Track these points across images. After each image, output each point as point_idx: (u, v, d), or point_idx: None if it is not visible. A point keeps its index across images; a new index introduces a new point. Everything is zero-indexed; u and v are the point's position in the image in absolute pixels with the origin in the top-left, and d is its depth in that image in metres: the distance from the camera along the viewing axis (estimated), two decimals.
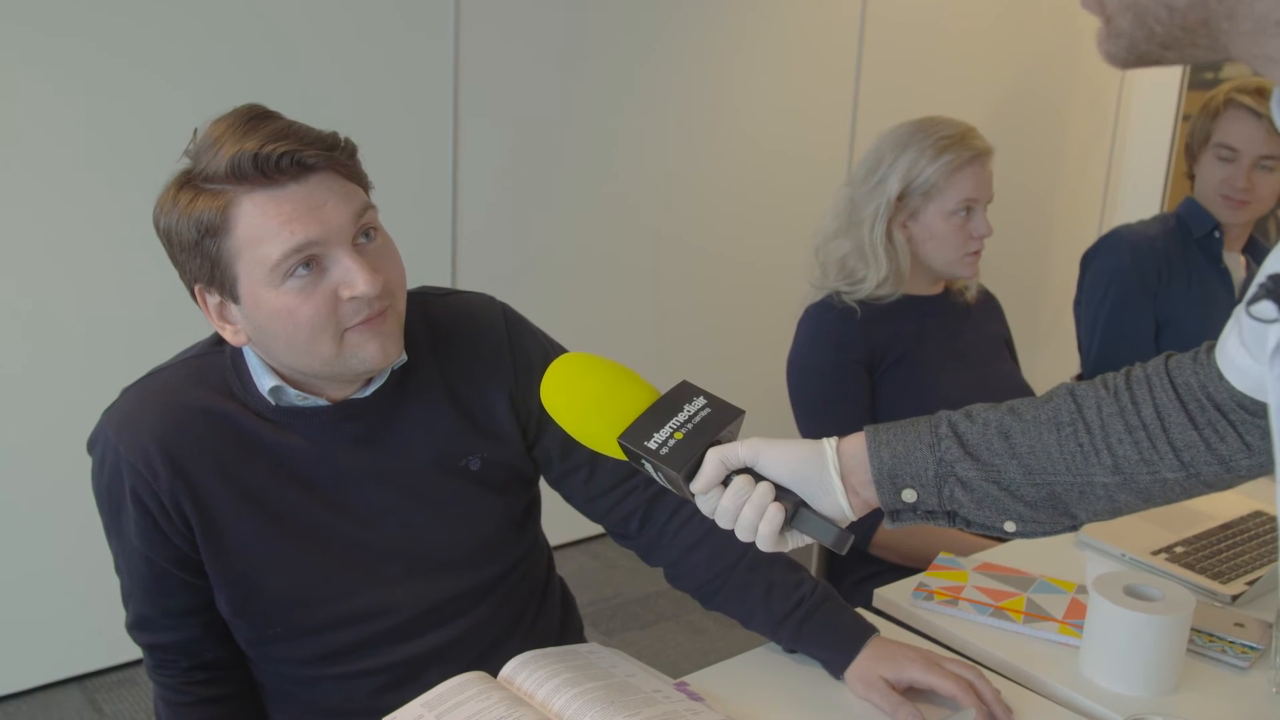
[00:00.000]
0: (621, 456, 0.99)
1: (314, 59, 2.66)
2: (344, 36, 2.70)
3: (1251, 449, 0.92)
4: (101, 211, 2.45)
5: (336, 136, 1.16)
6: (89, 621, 2.58)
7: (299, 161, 1.10)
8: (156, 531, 1.21)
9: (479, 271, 3.00)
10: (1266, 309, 0.71)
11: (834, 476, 0.96)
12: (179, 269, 1.18)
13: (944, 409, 1.01)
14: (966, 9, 3.81)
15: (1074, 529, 1.00)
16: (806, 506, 0.97)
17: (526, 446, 1.34)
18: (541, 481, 1.41)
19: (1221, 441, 0.93)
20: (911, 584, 1.49)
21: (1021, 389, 2.00)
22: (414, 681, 1.27)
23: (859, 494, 0.97)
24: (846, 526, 0.98)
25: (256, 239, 1.10)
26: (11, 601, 2.52)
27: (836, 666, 1.28)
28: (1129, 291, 2.30)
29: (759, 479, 0.97)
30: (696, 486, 0.97)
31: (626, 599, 3.12)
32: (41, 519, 2.51)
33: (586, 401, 1.00)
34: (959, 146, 1.83)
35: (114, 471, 1.21)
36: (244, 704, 1.36)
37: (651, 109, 3.25)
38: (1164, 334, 2.31)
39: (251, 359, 1.22)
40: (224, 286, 1.15)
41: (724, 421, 0.98)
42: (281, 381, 1.20)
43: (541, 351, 1.34)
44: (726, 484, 0.97)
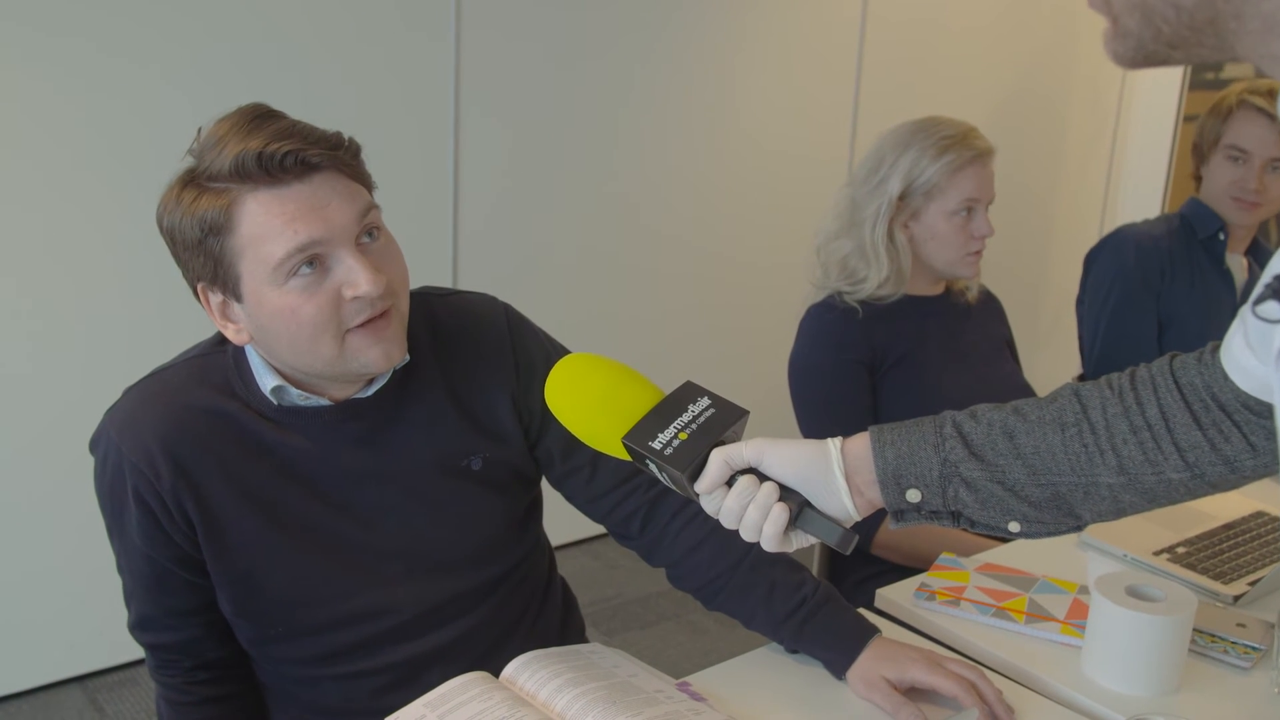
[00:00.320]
0: (625, 457, 0.99)
1: (314, 59, 2.66)
2: (344, 36, 2.69)
3: (1256, 449, 0.92)
4: (102, 211, 2.45)
5: (340, 136, 1.16)
6: (90, 621, 2.57)
7: (303, 161, 1.10)
8: (159, 531, 1.21)
9: (480, 271, 3.00)
10: (1272, 309, 0.71)
11: (839, 477, 0.96)
12: (182, 268, 1.18)
13: (945, 409, 1.01)
14: (967, 8, 3.81)
15: (1078, 529, 1.00)
16: (811, 507, 0.97)
17: (528, 447, 1.34)
18: (543, 482, 1.41)
19: (1226, 442, 0.92)
20: (913, 584, 1.49)
21: (1022, 389, 2.00)
22: (415, 682, 1.27)
23: (863, 494, 0.97)
24: (850, 527, 0.98)
25: (260, 238, 1.10)
26: (12, 601, 2.52)
27: (838, 667, 1.28)
28: (1133, 290, 2.30)
29: (763, 479, 0.97)
30: (701, 487, 0.97)
31: (628, 599, 3.12)
32: (42, 519, 2.50)
33: (591, 402, 1.00)
34: (960, 146, 1.83)
35: (116, 471, 1.21)
36: (246, 704, 1.36)
37: (652, 109, 3.24)
38: (1166, 334, 2.31)
39: (254, 358, 1.22)
40: (227, 285, 1.15)
41: (728, 422, 0.98)
42: (284, 381, 1.20)
43: (543, 352, 1.34)
44: (731, 484, 0.97)
